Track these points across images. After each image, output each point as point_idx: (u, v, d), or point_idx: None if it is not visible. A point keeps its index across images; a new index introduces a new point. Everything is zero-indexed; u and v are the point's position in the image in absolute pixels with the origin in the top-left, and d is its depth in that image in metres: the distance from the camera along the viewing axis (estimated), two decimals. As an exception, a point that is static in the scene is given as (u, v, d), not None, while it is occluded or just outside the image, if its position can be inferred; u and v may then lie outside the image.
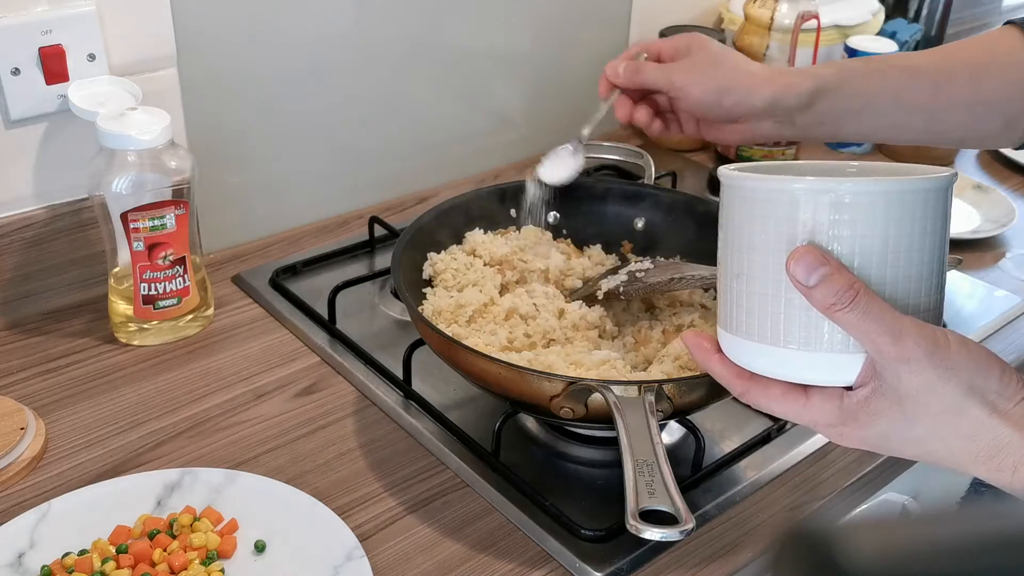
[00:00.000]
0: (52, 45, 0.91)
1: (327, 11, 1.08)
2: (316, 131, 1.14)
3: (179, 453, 0.82)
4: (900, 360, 0.53)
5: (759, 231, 0.57)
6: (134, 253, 0.91)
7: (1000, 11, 1.99)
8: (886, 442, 0.56)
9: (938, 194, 0.56)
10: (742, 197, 0.58)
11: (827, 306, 0.54)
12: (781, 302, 0.56)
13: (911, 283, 0.55)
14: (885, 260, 0.55)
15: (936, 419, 0.53)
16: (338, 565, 0.71)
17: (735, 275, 0.58)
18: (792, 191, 0.55)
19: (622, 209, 1.01)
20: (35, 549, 0.72)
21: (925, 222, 0.55)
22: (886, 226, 0.54)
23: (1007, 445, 0.52)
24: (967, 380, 0.53)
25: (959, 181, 1.31)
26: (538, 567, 0.73)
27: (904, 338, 0.53)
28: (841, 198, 0.54)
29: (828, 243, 0.55)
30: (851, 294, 0.53)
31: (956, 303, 1.08)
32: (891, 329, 0.53)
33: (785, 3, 1.27)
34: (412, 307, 0.81)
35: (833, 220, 0.54)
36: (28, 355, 0.93)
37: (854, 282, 0.53)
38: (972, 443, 0.53)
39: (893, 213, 0.54)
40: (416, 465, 0.82)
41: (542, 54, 1.31)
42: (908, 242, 0.55)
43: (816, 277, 0.53)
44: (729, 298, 0.59)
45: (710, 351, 0.61)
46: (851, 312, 0.53)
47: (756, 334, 0.57)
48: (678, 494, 0.64)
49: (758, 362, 0.58)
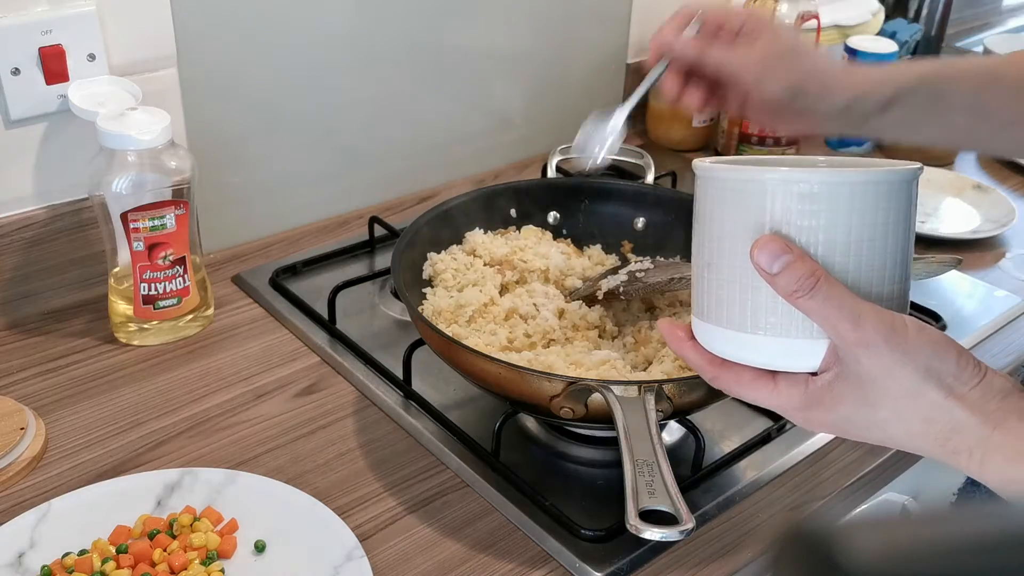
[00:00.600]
0: (52, 45, 0.91)
1: (327, 11, 1.08)
2: (316, 131, 1.14)
3: (179, 453, 0.82)
4: (859, 344, 0.54)
5: (728, 220, 0.59)
6: (134, 253, 0.91)
7: (1000, 11, 1.99)
8: (849, 425, 0.57)
9: (901, 186, 0.58)
10: (714, 187, 0.60)
11: (789, 293, 0.55)
12: (748, 290, 0.58)
13: (874, 272, 0.57)
14: (848, 249, 0.56)
15: (895, 402, 0.55)
16: (338, 565, 0.71)
17: (706, 264, 0.60)
18: (761, 181, 0.57)
19: (622, 209, 1.01)
20: (35, 549, 0.72)
21: (888, 213, 0.57)
22: (849, 216, 0.56)
23: (963, 427, 0.53)
24: (924, 363, 0.54)
25: (959, 181, 1.32)
26: (538, 567, 0.73)
27: (863, 323, 0.54)
28: (807, 188, 0.56)
29: (794, 232, 0.56)
30: (812, 281, 0.54)
31: (956, 303, 1.08)
32: (851, 315, 0.54)
33: (785, 3, 1.27)
34: (412, 307, 0.81)
35: (799, 210, 0.56)
36: (28, 355, 0.93)
37: (815, 269, 0.55)
38: (930, 425, 0.54)
39: (856, 203, 0.56)
40: (416, 465, 0.82)
41: (542, 54, 1.31)
42: (871, 232, 0.57)
43: (779, 264, 0.55)
44: (701, 286, 0.61)
45: (683, 338, 0.63)
46: (812, 298, 0.55)
47: (726, 321, 0.59)
48: (678, 494, 0.64)
49: (728, 348, 0.60)
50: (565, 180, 1.10)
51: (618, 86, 1.43)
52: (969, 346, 1.02)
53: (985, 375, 0.55)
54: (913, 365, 0.54)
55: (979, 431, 0.53)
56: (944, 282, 1.11)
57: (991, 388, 0.54)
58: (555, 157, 1.10)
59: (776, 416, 0.87)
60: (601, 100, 1.42)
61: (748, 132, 1.32)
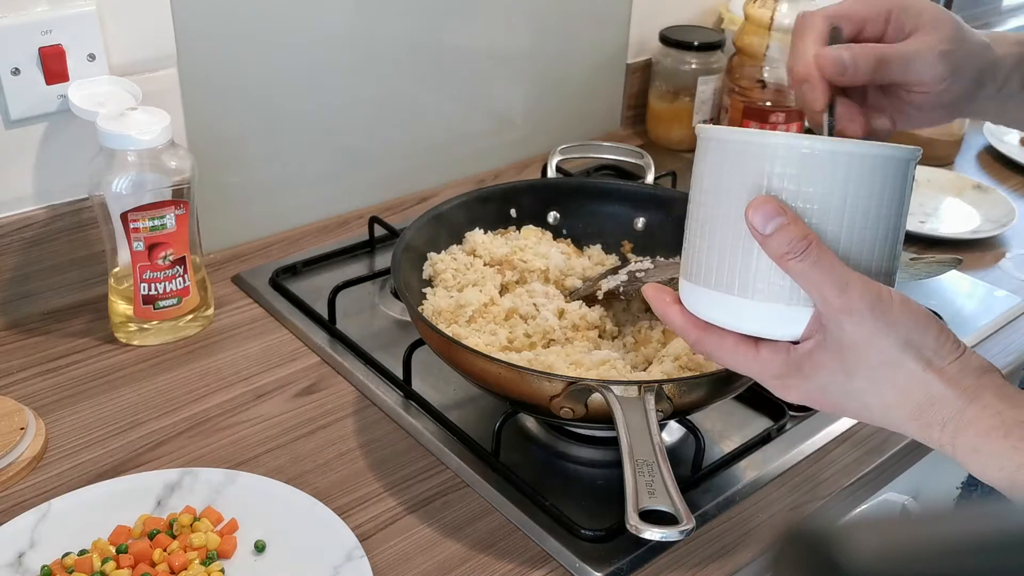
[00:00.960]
0: (52, 45, 0.91)
1: (327, 11, 1.08)
2: (316, 131, 1.14)
3: (179, 453, 0.82)
4: (844, 311, 0.54)
5: (727, 181, 0.59)
6: (134, 253, 0.91)
7: (1000, 11, 1.99)
8: (826, 395, 0.58)
9: (899, 164, 0.58)
10: (716, 148, 0.61)
11: (780, 254, 0.55)
12: (739, 251, 0.59)
13: (864, 244, 0.58)
14: (842, 219, 0.57)
15: (873, 371, 0.55)
16: (338, 565, 0.71)
17: (701, 223, 0.61)
18: (763, 144, 0.58)
19: (622, 209, 1.01)
20: (35, 549, 0.72)
21: (884, 188, 0.58)
22: (846, 185, 0.57)
23: (939, 400, 0.54)
24: (904, 335, 0.54)
25: (959, 181, 1.32)
26: (538, 567, 0.73)
27: (850, 290, 0.54)
28: (807, 154, 0.57)
29: (790, 197, 0.57)
30: (803, 244, 0.55)
31: (956, 303, 1.08)
32: (838, 281, 0.54)
33: (785, 3, 1.27)
34: (412, 307, 0.81)
35: (797, 175, 0.57)
36: (28, 355, 0.93)
37: (807, 233, 0.55)
38: (905, 396, 0.55)
39: (854, 174, 0.57)
40: (416, 465, 0.82)
41: (542, 54, 1.31)
42: (866, 204, 0.57)
43: (772, 225, 0.55)
44: (692, 248, 0.62)
45: (669, 302, 0.63)
46: (802, 261, 0.55)
47: (714, 282, 0.60)
48: (678, 494, 0.64)
49: (713, 312, 0.61)
50: (565, 180, 1.10)
51: (618, 86, 1.43)
52: (969, 346, 1.01)
53: (963, 352, 0.55)
54: (894, 335, 0.54)
55: (954, 404, 0.54)
56: (944, 282, 1.11)
57: (969, 364, 0.55)
58: (555, 157, 1.10)
59: (776, 416, 0.87)
60: (601, 100, 1.43)
61: (748, 132, 1.32)
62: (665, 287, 0.64)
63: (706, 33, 1.39)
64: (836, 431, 0.88)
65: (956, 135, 1.40)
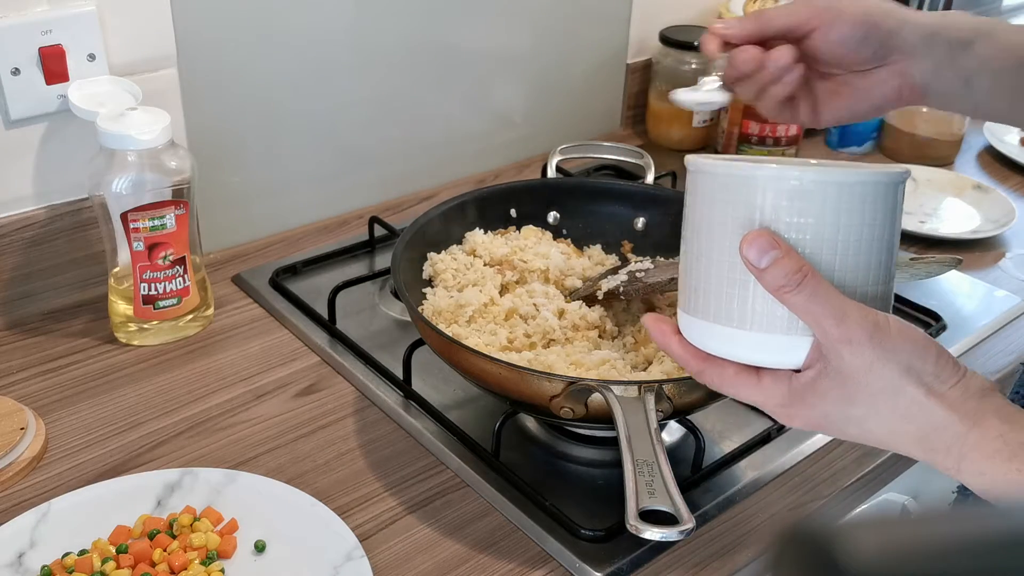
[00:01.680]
0: (52, 45, 0.91)
1: (327, 11, 1.08)
2: (316, 131, 1.14)
3: (179, 453, 0.82)
4: (842, 341, 0.55)
5: (719, 215, 0.59)
6: (134, 253, 0.91)
7: (1000, 11, 1.99)
8: (830, 422, 0.58)
9: (888, 188, 0.59)
10: (706, 182, 0.61)
11: (777, 287, 0.56)
12: (736, 284, 0.59)
13: (859, 272, 0.58)
14: (835, 248, 0.57)
15: (875, 399, 0.55)
16: (338, 565, 0.71)
17: (696, 257, 0.61)
18: (753, 177, 0.58)
19: (622, 209, 1.01)
20: (35, 549, 0.72)
21: (875, 214, 0.58)
22: (837, 215, 0.57)
23: (941, 425, 0.54)
24: (905, 362, 0.55)
25: (959, 181, 1.32)
26: (538, 567, 0.73)
27: (847, 320, 0.55)
28: (798, 186, 0.57)
29: (784, 229, 0.57)
30: (799, 276, 0.55)
31: (956, 303, 1.08)
32: (835, 311, 0.55)
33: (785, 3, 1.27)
34: (412, 307, 0.81)
35: (789, 207, 0.57)
36: (28, 355, 0.93)
37: (802, 265, 0.55)
38: (908, 423, 0.55)
39: (844, 203, 0.57)
40: (416, 465, 0.82)
41: (542, 54, 1.31)
42: (859, 232, 0.58)
43: (767, 259, 0.56)
44: (689, 280, 0.62)
45: (669, 332, 0.63)
46: (798, 294, 0.55)
47: (712, 315, 0.60)
48: (678, 494, 0.64)
49: (713, 343, 0.61)
50: (565, 180, 1.10)
51: (618, 86, 1.43)
52: (969, 346, 1.02)
53: (964, 375, 0.55)
54: (894, 363, 0.55)
55: (957, 429, 0.54)
56: (944, 282, 1.11)
57: (969, 388, 0.55)
58: (555, 157, 1.10)
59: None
60: (601, 100, 1.43)
61: (748, 132, 1.32)
62: (664, 317, 0.64)
63: (706, 33, 1.39)
64: (836, 431, 0.88)
65: (956, 135, 1.40)
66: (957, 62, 0.73)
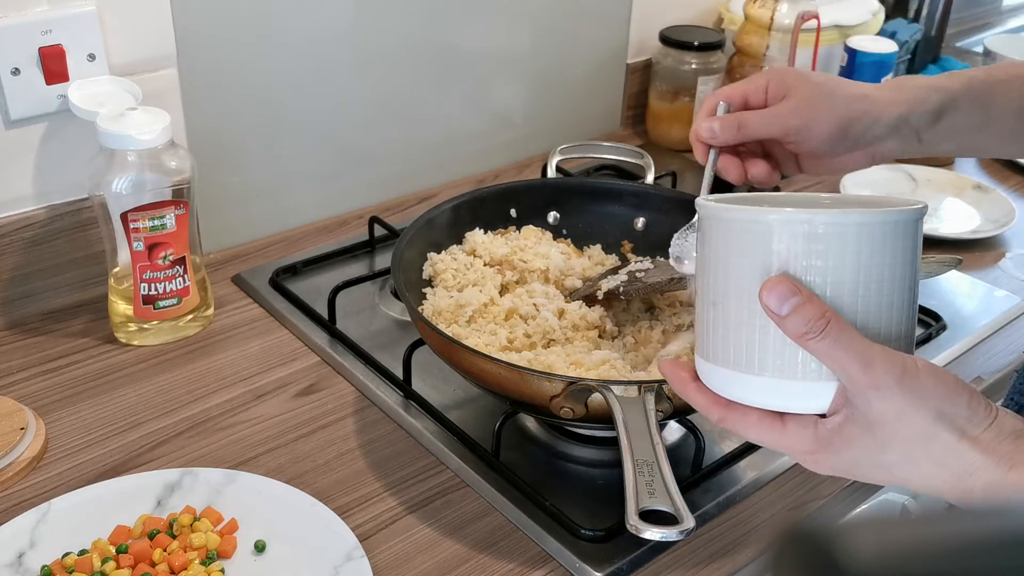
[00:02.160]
0: (52, 45, 0.91)
1: (327, 11, 1.08)
2: (316, 131, 1.14)
3: (179, 453, 0.82)
4: (870, 387, 0.54)
5: (735, 261, 0.58)
6: (134, 253, 0.91)
7: (1000, 11, 1.99)
8: (858, 468, 0.57)
9: (907, 226, 0.57)
10: (719, 227, 0.59)
11: (799, 335, 0.55)
12: (756, 331, 0.57)
13: (882, 312, 0.56)
14: (856, 290, 0.56)
15: (907, 445, 0.54)
16: (338, 565, 0.71)
17: (712, 303, 0.59)
18: (767, 222, 0.56)
19: (622, 209, 1.01)
20: (35, 549, 0.72)
21: (896, 253, 0.56)
22: (857, 256, 0.55)
23: (977, 469, 0.53)
24: (936, 406, 0.53)
25: (959, 181, 1.32)
26: (538, 567, 0.73)
27: (874, 366, 0.53)
28: (814, 229, 0.55)
29: (802, 272, 0.56)
30: (822, 323, 0.54)
31: (956, 303, 1.08)
32: (861, 357, 0.54)
33: (785, 3, 1.27)
34: (412, 307, 0.81)
35: (806, 250, 0.55)
36: (28, 355, 0.93)
37: (825, 311, 0.54)
38: (942, 468, 0.54)
39: (864, 244, 0.55)
40: (416, 465, 0.82)
41: (542, 54, 1.31)
42: (879, 272, 0.56)
43: (788, 306, 0.54)
44: (706, 327, 0.60)
45: (687, 379, 0.62)
46: (822, 340, 0.54)
47: (732, 362, 0.58)
48: (678, 494, 0.64)
49: (734, 390, 0.59)
50: (565, 180, 1.10)
51: (618, 86, 1.43)
52: (969, 346, 1.02)
53: (997, 417, 0.54)
54: (925, 408, 0.53)
55: (994, 472, 0.53)
56: (944, 282, 1.11)
57: (1003, 429, 0.54)
58: (555, 157, 1.09)
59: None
60: (601, 100, 1.43)
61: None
62: (681, 363, 0.64)
63: (706, 33, 1.39)
64: (836, 431, 0.88)
65: (956, 135, 1.40)
66: (924, 137, 0.78)
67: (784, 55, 1.27)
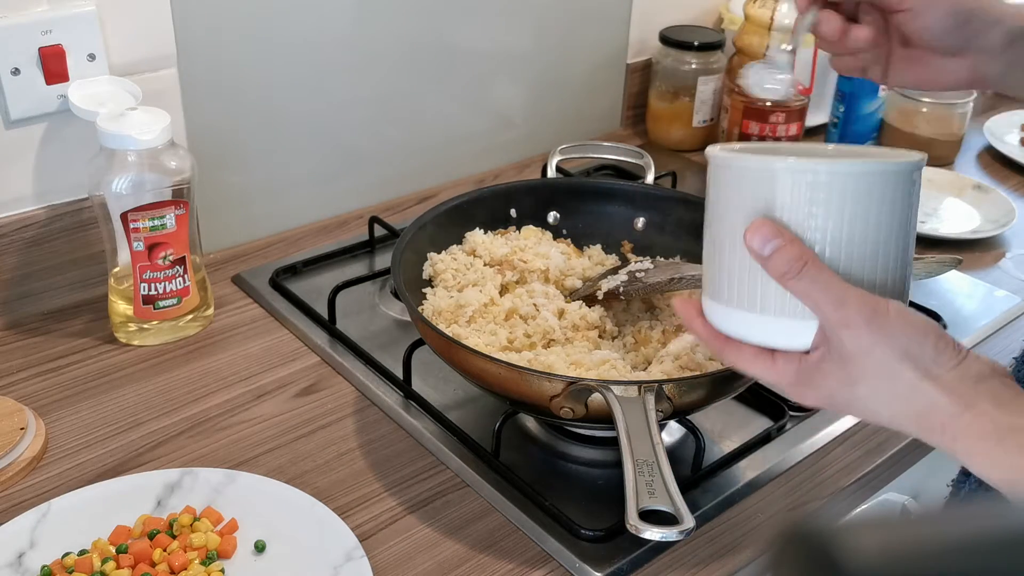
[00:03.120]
0: (52, 45, 0.91)
1: (327, 11, 1.08)
2: (316, 131, 1.14)
3: (179, 453, 0.82)
4: (841, 325, 0.57)
5: (734, 204, 0.61)
6: (134, 253, 0.91)
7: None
8: (836, 401, 0.60)
9: (903, 176, 0.59)
10: (721, 173, 0.62)
11: (780, 274, 0.58)
12: (747, 271, 0.60)
13: (866, 260, 0.59)
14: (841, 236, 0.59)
15: (874, 381, 0.57)
16: (338, 565, 0.71)
17: (715, 245, 0.63)
18: (762, 169, 0.60)
19: (622, 209, 1.01)
20: (35, 549, 0.72)
21: (894, 203, 0.59)
22: (845, 205, 0.58)
23: (937, 407, 0.56)
24: (902, 345, 0.56)
25: (959, 181, 1.32)
26: (538, 567, 0.73)
27: (847, 305, 0.57)
28: (812, 178, 0.58)
29: (795, 218, 0.59)
30: (799, 264, 0.57)
31: (956, 303, 1.08)
32: (836, 297, 0.57)
33: (785, 3, 1.27)
34: (412, 307, 0.81)
35: (799, 197, 0.59)
36: (28, 355, 0.93)
37: (803, 253, 0.58)
38: (906, 405, 0.57)
39: (856, 194, 0.58)
40: (416, 465, 0.82)
41: (542, 54, 1.31)
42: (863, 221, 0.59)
43: (770, 247, 0.58)
44: (709, 266, 0.64)
45: (694, 315, 0.66)
46: (799, 280, 0.58)
47: (728, 299, 0.62)
48: (678, 494, 0.64)
49: (731, 326, 0.63)
50: (565, 180, 1.10)
51: (618, 86, 1.43)
52: (969, 346, 1.01)
53: (964, 360, 0.57)
54: (891, 347, 0.56)
55: (951, 410, 0.56)
56: (944, 282, 1.11)
57: (968, 372, 0.56)
58: (555, 157, 1.10)
59: (776, 416, 0.88)
60: (601, 100, 1.43)
61: (748, 132, 1.32)
62: (692, 300, 0.67)
63: (706, 33, 1.39)
64: (836, 431, 0.88)
65: (956, 135, 1.40)
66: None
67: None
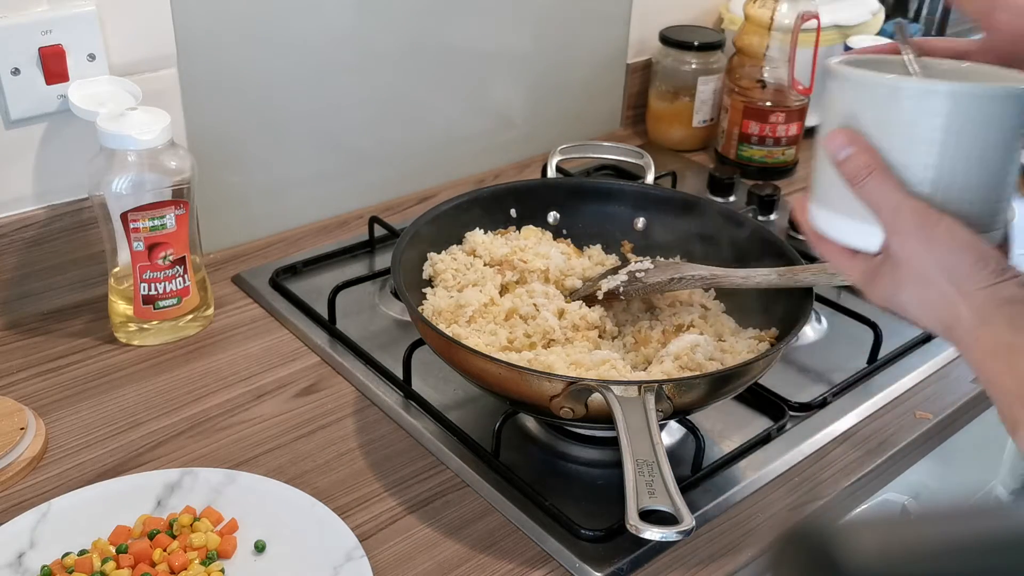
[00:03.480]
0: (52, 45, 0.91)
1: (327, 11, 1.08)
2: (316, 131, 1.14)
3: (179, 453, 0.82)
4: (893, 231, 0.62)
5: (832, 112, 0.65)
6: (134, 253, 0.91)
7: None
8: (892, 303, 0.64)
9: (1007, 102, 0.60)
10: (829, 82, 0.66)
11: (849, 178, 0.63)
12: (834, 175, 0.64)
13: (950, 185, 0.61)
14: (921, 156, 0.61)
15: (913, 287, 0.62)
16: (338, 565, 0.71)
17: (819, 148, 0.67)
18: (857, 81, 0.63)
19: (622, 209, 1.01)
20: (35, 549, 0.72)
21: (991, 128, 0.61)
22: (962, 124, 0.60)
23: (959, 320, 0.60)
24: (941, 257, 0.60)
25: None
26: (538, 567, 0.73)
27: (900, 213, 0.61)
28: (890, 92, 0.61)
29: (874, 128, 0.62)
30: (866, 171, 0.62)
31: (956, 303, 1.08)
32: (893, 204, 0.61)
33: (785, 3, 1.27)
34: (412, 307, 0.81)
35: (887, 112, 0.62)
36: (28, 355, 0.93)
37: (871, 161, 0.62)
38: (937, 313, 0.61)
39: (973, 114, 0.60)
40: (416, 465, 0.82)
41: (542, 54, 1.31)
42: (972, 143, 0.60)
43: (844, 153, 0.63)
44: (813, 170, 0.69)
45: (800, 211, 0.70)
46: (864, 186, 0.62)
47: (819, 200, 0.67)
48: (678, 494, 0.64)
49: (821, 223, 0.68)
50: (565, 180, 1.10)
51: (618, 86, 1.43)
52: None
53: (1002, 281, 0.59)
54: (931, 256, 0.60)
55: (970, 324, 0.59)
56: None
57: (999, 293, 0.58)
58: (555, 157, 1.10)
59: (776, 416, 0.88)
60: (601, 100, 1.43)
61: (748, 132, 1.32)
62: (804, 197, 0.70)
63: (706, 33, 1.39)
64: (836, 431, 0.88)
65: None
66: None
67: (784, 55, 1.27)
